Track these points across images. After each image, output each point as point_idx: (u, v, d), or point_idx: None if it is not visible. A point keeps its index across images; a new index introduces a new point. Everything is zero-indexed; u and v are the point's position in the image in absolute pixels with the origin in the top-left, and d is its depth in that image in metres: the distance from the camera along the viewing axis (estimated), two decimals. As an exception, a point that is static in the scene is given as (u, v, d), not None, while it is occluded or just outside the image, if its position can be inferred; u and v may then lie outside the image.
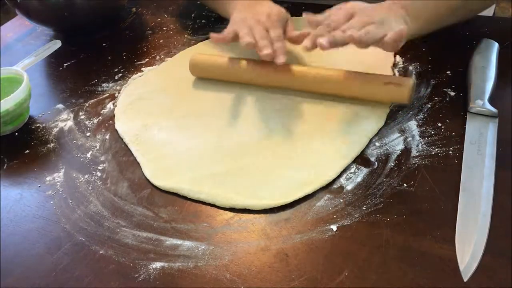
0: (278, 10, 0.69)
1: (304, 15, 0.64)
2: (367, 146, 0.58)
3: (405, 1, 0.62)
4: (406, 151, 0.57)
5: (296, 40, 0.67)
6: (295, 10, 0.86)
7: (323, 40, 0.56)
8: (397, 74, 0.69)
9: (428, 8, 0.63)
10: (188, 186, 0.56)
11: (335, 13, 0.61)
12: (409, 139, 0.58)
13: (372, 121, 0.60)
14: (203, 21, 0.89)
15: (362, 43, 0.56)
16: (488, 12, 0.89)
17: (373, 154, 0.57)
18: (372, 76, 0.62)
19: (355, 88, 0.62)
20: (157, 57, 0.81)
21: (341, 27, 0.59)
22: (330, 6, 0.85)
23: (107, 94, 0.74)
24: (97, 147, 0.64)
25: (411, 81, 0.60)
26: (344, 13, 0.60)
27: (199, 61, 0.71)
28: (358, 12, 0.59)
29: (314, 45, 0.59)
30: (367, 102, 0.63)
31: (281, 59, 0.61)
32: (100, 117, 0.70)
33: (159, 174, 0.58)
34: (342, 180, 0.55)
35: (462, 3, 0.65)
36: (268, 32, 0.65)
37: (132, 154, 0.62)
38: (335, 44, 0.57)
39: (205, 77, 0.72)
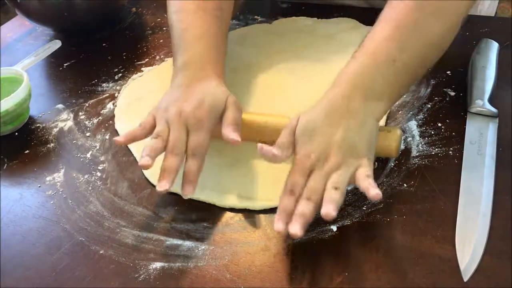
0: (213, 98, 0.55)
1: (258, 147, 0.50)
2: (367, 146, 0.58)
3: (363, 84, 0.51)
4: (406, 151, 0.57)
5: (230, 142, 0.53)
6: (295, 10, 0.86)
7: (295, 228, 0.44)
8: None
9: (388, 84, 0.52)
10: None
11: (293, 170, 0.48)
12: (409, 139, 0.58)
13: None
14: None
15: (340, 202, 0.46)
16: (490, 12, 0.89)
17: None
18: None
19: None
20: (157, 57, 0.81)
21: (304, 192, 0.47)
22: (330, 6, 0.86)
23: (107, 94, 0.74)
24: (97, 147, 0.64)
25: (398, 132, 0.54)
26: (301, 174, 0.48)
27: None
28: (314, 164, 0.48)
29: (286, 229, 0.45)
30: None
31: (185, 192, 0.50)
32: (100, 117, 0.70)
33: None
34: (342, 180, 0.54)
35: (421, 64, 0.54)
36: (188, 134, 0.53)
37: (132, 154, 0.62)
38: (306, 224, 0.45)
39: None
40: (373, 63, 0.51)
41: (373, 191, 0.45)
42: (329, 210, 0.44)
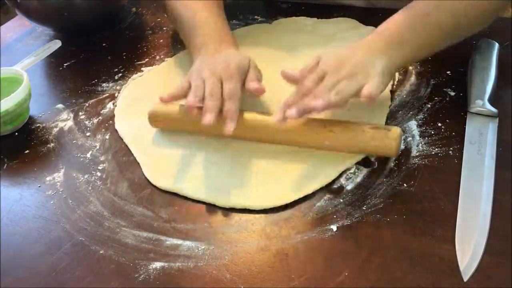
0: (238, 60, 0.62)
1: (281, 73, 0.58)
2: (367, 146, 0.58)
3: (389, 31, 0.58)
4: (406, 151, 0.57)
5: (255, 92, 0.60)
6: (295, 10, 0.86)
7: (292, 111, 0.52)
8: (397, 74, 0.69)
9: (416, 33, 0.58)
10: (188, 186, 0.56)
11: (307, 76, 0.56)
12: (409, 139, 0.58)
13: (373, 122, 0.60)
14: (203, 21, 0.89)
15: (337, 105, 0.53)
16: None
17: (373, 154, 0.57)
18: (354, 129, 0.55)
19: (334, 142, 0.56)
20: (157, 57, 0.81)
21: (312, 91, 0.54)
22: (330, 6, 0.86)
23: (107, 94, 0.74)
24: (97, 147, 0.64)
25: (398, 130, 0.54)
26: (315, 76, 0.55)
27: (160, 113, 0.63)
28: (329, 71, 0.55)
29: (285, 118, 0.53)
30: (365, 106, 0.63)
31: (228, 128, 0.55)
32: (100, 117, 0.70)
33: (159, 174, 0.58)
34: (342, 180, 0.55)
35: (454, 24, 0.59)
36: (223, 84, 0.59)
37: (132, 154, 0.62)
38: (304, 112, 0.53)
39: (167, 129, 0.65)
40: (407, 14, 0.58)
41: (366, 90, 0.52)
42: (317, 103, 0.52)
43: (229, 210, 0.53)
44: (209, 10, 0.71)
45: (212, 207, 0.54)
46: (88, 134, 0.67)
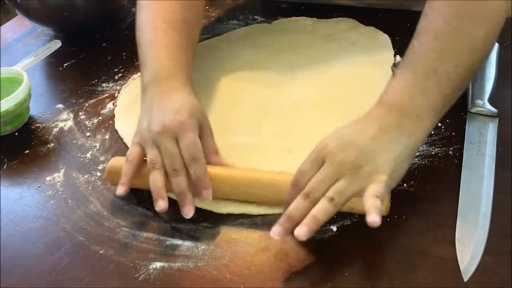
0: (190, 106, 0.54)
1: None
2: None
3: (400, 100, 0.48)
4: (406, 151, 0.57)
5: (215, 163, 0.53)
6: (295, 10, 0.86)
7: (301, 231, 0.44)
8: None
9: (430, 97, 0.48)
10: None
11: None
12: (409, 139, 0.58)
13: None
14: (203, 21, 0.89)
15: (334, 212, 0.45)
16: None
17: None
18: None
19: None
20: (157, 57, 0.81)
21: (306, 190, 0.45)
22: (330, 6, 0.86)
23: (107, 94, 0.74)
24: (97, 147, 0.64)
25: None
26: (312, 165, 0.47)
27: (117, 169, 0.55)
28: (327, 159, 0.46)
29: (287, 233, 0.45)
30: (365, 106, 0.62)
31: (204, 196, 0.51)
32: (100, 117, 0.70)
33: None
34: (342, 180, 0.54)
35: (463, 71, 0.50)
36: (178, 141, 0.51)
37: (132, 154, 0.62)
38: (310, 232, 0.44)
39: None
40: (413, 77, 0.49)
41: (371, 217, 0.42)
42: (303, 230, 0.43)
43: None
44: (168, 39, 0.61)
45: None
46: (88, 134, 0.67)
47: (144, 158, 0.53)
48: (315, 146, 0.47)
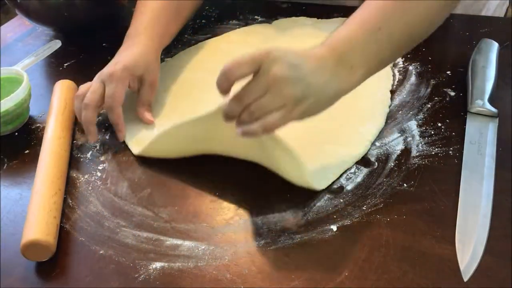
0: (129, 61, 0.64)
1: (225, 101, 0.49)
2: (367, 146, 0.58)
3: (341, 48, 0.49)
4: (406, 151, 0.57)
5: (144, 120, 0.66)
6: (295, 10, 0.87)
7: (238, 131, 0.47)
8: (397, 74, 0.69)
9: (368, 52, 0.50)
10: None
11: (249, 89, 0.47)
12: (409, 139, 0.58)
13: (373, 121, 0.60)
14: (203, 21, 0.89)
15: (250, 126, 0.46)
16: (497, 14, 0.88)
17: (373, 154, 0.57)
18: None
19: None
20: (157, 57, 0.81)
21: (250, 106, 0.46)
22: (330, 6, 0.86)
23: (107, 94, 0.74)
24: (97, 147, 0.64)
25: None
26: (257, 89, 0.46)
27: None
28: (272, 87, 0.45)
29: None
30: (363, 106, 0.63)
31: (120, 137, 0.64)
32: (100, 117, 0.70)
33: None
34: (342, 180, 0.55)
35: (407, 36, 0.52)
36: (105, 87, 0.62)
37: (132, 154, 0.62)
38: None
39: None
40: (358, 29, 0.50)
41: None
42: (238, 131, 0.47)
43: (228, 211, 0.53)
44: (157, 11, 0.71)
45: (212, 207, 0.54)
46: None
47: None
48: (261, 50, 0.47)
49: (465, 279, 0.43)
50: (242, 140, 0.48)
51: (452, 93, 0.64)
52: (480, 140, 0.56)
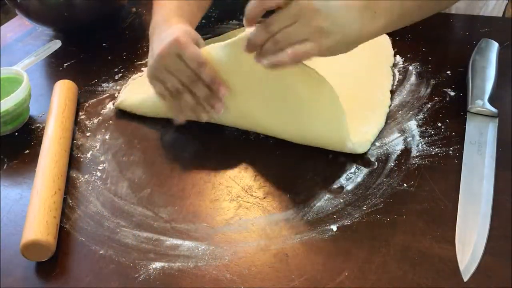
0: (184, 29, 0.59)
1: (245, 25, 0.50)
2: (367, 146, 0.58)
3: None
4: (406, 151, 0.57)
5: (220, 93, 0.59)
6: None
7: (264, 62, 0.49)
8: (397, 74, 0.69)
9: (393, 5, 0.51)
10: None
11: (277, 18, 0.48)
12: (409, 139, 0.58)
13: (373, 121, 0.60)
14: (203, 21, 0.89)
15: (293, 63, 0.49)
16: (495, 14, 0.89)
17: (373, 154, 0.57)
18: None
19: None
20: (157, 57, 0.81)
21: (277, 36, 0.48)
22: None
23: (107, 94, 0.74)
24: (97, 147, 0.64)
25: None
26: (286, 18, 0.48)
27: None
28: (301, 17, 0.47)
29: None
30: (364, 106, 0.63)
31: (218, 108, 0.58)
32: (100, 117, 0.70)
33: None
34: (342, 180, 0.55)
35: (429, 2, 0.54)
36: (181, 58, 0.56)
37: (132, 154, 0.62)
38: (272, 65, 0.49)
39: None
40: None
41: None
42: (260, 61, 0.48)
43: (228, 211, 0.53)
44: (178, 3, 0.68)
45: (211, 207, 0.54)
46: (88, 134, 0.67)
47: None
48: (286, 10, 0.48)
49: (465, 279, 0.43)
50: (281, 104, 0.52)
51: (452, 93, 0.64)
52: (480, 140, 0.56)
